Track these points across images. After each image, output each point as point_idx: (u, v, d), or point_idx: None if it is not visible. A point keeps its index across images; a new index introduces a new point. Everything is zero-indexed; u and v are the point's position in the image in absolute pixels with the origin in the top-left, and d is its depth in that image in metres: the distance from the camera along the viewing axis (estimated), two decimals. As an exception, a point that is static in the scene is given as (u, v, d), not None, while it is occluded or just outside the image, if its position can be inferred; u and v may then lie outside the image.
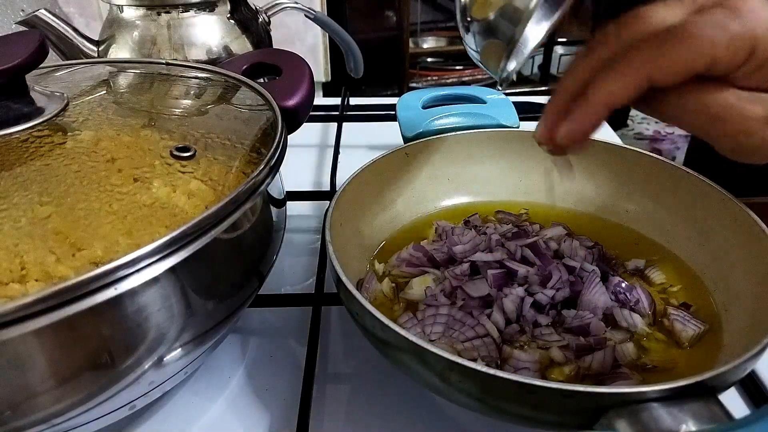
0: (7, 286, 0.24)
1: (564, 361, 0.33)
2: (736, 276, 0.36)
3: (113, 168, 0.30)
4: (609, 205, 0.46)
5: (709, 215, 0.40)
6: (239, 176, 0.32)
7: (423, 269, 0.40)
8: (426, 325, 0.35)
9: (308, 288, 0.45)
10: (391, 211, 0.45)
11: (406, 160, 0.45)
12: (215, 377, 0.37)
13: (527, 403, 0.26)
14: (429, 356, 0.27)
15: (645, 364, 0.34)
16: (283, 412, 0.35)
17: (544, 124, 0.30)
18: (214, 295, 0.30)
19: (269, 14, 0.64)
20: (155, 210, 0.29)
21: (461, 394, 0.28)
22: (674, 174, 0.42)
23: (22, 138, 0.32)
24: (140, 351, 0.26)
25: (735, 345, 0.33)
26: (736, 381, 0.28)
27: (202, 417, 0.35)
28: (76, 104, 0.36)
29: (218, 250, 0.29)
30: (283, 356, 0.39)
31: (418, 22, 2.14)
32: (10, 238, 0.26)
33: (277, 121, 0.36)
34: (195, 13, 0.57)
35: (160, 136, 0.34)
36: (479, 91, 0.53)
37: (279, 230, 0.37)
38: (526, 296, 0.36)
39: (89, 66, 0.45)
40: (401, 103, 0.52)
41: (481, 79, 2.04)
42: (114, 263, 0.24)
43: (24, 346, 0.23)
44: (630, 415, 0.24)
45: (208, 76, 0.43)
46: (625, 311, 0.36)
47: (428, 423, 0.34)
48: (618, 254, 0.42)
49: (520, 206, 0.48)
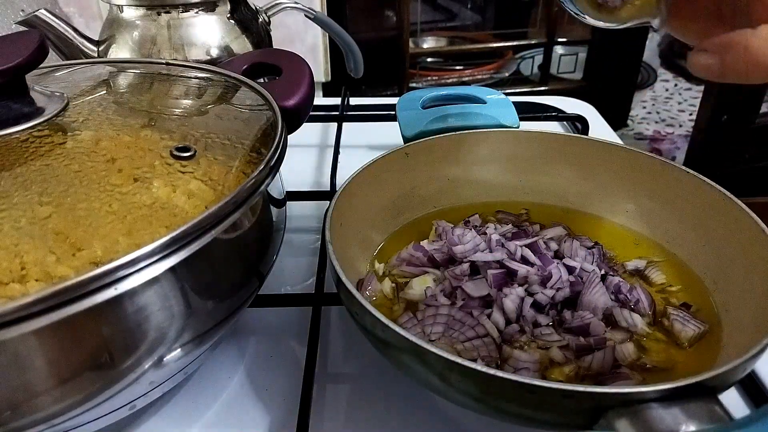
0: (7, 286, 0.24)
1: (564, 361, 0.33)
2: (737, 276, 0.36)
3: (113, 168, 0.30)
4: (609, 205, 0.46)
5: (710, 215, 0.40)
6: (239, 176, 0.32)
7: (423, 269, 0.40)
8: (426, 325, 0.35)
9: (308, 288, 0.45)
10: (391, 211, 0.45)
11: (406, 160, 0.45)
12: (215, 377, 0.37)
13: (527, 403, 0.26)
14: (429, 356, 0.27)
15: (645, 364, 0.34)
16: (283, 412, 0.35)
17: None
18: (214, 295, 0.30)
19: (269, 14, 0.64)
20: (155, 210, 0.29)
21: (461, 394, 0.28)
22: (674, 174, 0.42)
23: (22, 138, 0.32)
24: (140, 351, 0.26)
25: (735, 345, 0.33)
26: (736, 381, 0.28)
27: (202, 417, 0.35)
28: (76, 104, 0.36)
29: (218, 250, 0.29)
30: (283, 356, 0.39)
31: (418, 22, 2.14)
32: (10, 238, 0.26)
33: (277, 121, 0.36)
34: (195, 13, 0.57)
35: (160, 136, 0.34)
36: (479, 91, 0.53)
37: (279, 230, 0.37)
38: (526, 296, 0.36)
39: (89, 66, 0.45)
40: (401, 103, 0.52)
41: (480, 79, 2.03)
42: (114, 263, 0.24)
43: (24, 346, 0.23)
44: (630, 415, 0.24)
45: (208, 76, 0.43)
46: (625, 311, 0.36)
47: (428, 423, 0.34)
48: (618, 254, 0.42)
49: (520, 206, 0.48)
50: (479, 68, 2.06)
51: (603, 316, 0.36)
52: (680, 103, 2.53)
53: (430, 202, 0.47)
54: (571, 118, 0.67)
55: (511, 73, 2.08)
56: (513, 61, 2.10)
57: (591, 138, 0.47)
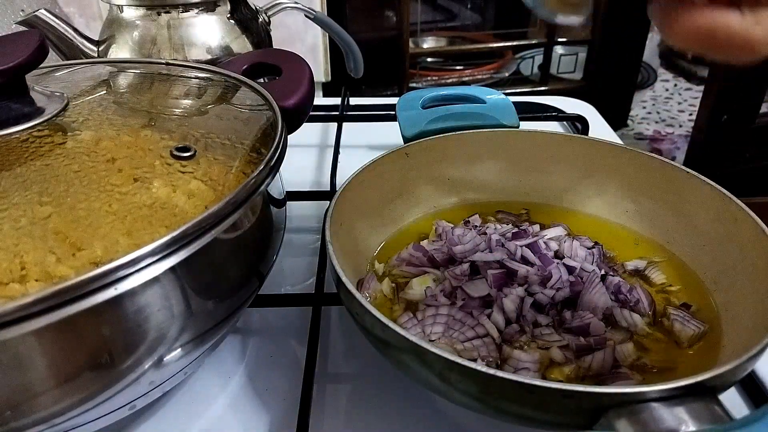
0: (7, 286, 0.24)
1: (564, 361, 0.33)
2: (737, 276, 0.36)
3: (113, 168, 0.30)
4: (609, 205, 0.46)
5: (710, 215, 0.40)
6: (239, 176, 0.32)
7: (423, 269, 0.40)
8: (426, 325, 0.35)
9: (308, 288, 0.45)
10: (391, 211, 0.45)
11: (406, 160, 0.45)
12: (215, 377, 0.37)
13: (527, 403, 0.26)
14: (429, 356, 0.27)
15: (645, 364, 0.34)
16: (283, 412, 0.35)
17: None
18: (214, 295, 0.30)
19: (269, 14, 0.64)
20: (155, 210, 0.29)
21: (461, 394, 0.28)
22: (674, 174, 0.42)
23: (22, 138, 0.32)
24: (140, 351, 0.26)
25: (735, 345, 0.33)
26: (736, 381, 0.28)
27: (202, 417, 0.35)
28: (76, 104, 0.36)
29: (218, 250, 0.29)
30: (283, 356, 0.39)
31: (418, 22, 2.14)
32: (10, 238, 0.26)
33: (277, 121, 0.36)
34: (195, 13, 0.57)
35: (160, 136, 0.34)
36: (479, 91, 0.53)
37: (279, 230, 0.37)
38: (526, 296, 0.36)
39: (89, 66, 0.45)
40: (401, 103, 0.52)
41: (480, 79, 2.04)
42: (114, 263, 0.24)
43: (24, 346, 0.23)
44: (630, 415, 0.24)
45: (208, 76, 0.43)
46: (625, 311, 0.36)
47: (428, 423, 0.34)
48: (618, 254, 0.42)
49: (520, 206, 0.48)
50: (479, 68, 2.06)
51: (603, 316, 0.36)
52: (680, 103, 2.53)
53: (430, 202, 0.47)
54: (571, 118, 0.67)
55: (511, 73, 2.08)
56: (513, 61, 2.11)
57: (591, 138, 0.47)
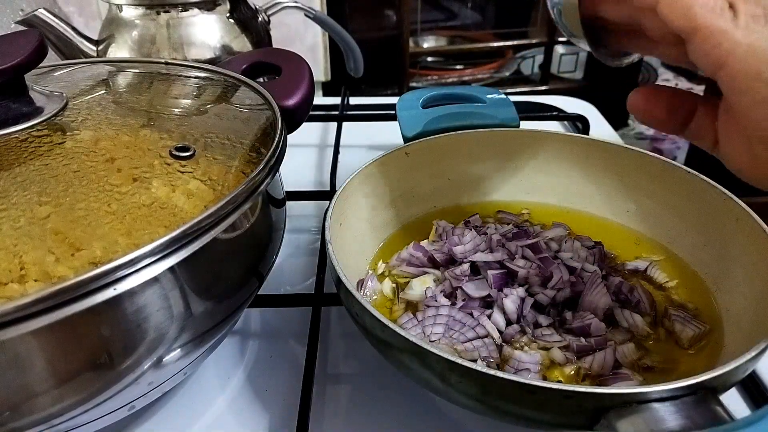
0: (6, 286, 0.24)
1: (565, 361, 0.33)
2: (737, 276, 0.36)
3: (112, 168, 0.30)
4: (609, 205, 0.46)
5: (710, 215, 0.39)
6: (239, 176, 0.32)
7: (423, 269, 0.40)
8: (426, 326, 0.35)
9: (308, 288, 0.45)
10: (391, 211, 0.45)
11: (406, 160, 0.45)
12: (215, 377, 0.37)
13: (528, 403, 0.26)
14: (429, 357, 0.27)
15: (646, 365, 0.33)
16: (283, 413, 0.35)
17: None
18: (214, 295, 0.30)
19: (269, 13, 0.64)
20: (154, 210, 0.29)
21: (461, 395, 0.28)
22: (675, 174, 0.42)
23: (21, 138, 0.31)
24: (139, 351, 0.26)
25: (736, 345, 0.33)
26: (737, 381, 0.28)
27: (202, 417, 0.35)
28: (75, 104, 0.36)
29: (218, 250, 0.29)
30: (282, 356, 0.39)
31: (418, 22, 2.14)
32: (9, 238, 0.26)
33: (276, 120, 0.36)
34: (194, 12, 0.57)
35: (160, 136, 0.34)
36: (479, 91, 0.53)
37: (279, 230, 0.37)
38: (526, 297, 0.36)
39: (88, 65, 0.45)
40: (401, 103, 0.51)
41: (481, 78, 2.03)
42: (113, 263, 0.24)
43: (23, 346, 0.23)
44: (631, 415, 0.24)
45: (208, 76, 0.43)
46: (626, 312, 0.36)
47: (428, 423, 0.34)
48: (618, 254, 0.42)
49: (520, 206, 0.48)
50: (479, 68, 2.05)
51: (604, 316, 0.36)
52: (681, 103, 2.53)
53: (430, 202, 0.47)
54: (572, 117, 0.67)
55: (512, 73, 2.07)
56: (513, 60, 2.10)
57: (592, 138, 0.47)
